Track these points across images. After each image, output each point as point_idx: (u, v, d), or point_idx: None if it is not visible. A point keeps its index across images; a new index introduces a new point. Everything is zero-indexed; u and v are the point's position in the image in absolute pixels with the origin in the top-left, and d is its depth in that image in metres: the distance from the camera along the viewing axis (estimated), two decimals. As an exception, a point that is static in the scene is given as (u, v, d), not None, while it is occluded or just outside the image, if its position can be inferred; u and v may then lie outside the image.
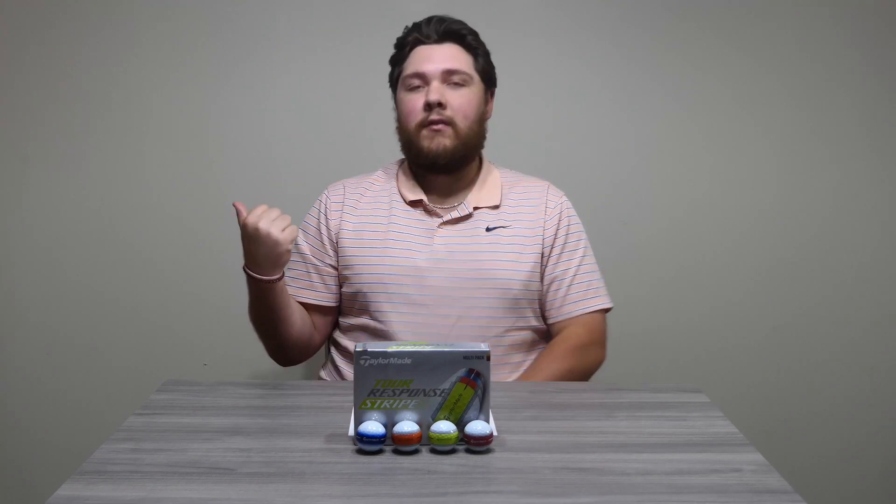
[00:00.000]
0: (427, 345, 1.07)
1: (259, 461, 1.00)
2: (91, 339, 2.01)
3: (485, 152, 1.60)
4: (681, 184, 2.01)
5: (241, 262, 1.97)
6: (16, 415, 2.02)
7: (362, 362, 1.03)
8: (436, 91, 1.47)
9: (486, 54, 1.56)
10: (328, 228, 1.56)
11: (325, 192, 1.61)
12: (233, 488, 0.92)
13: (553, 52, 1.97)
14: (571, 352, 1.50)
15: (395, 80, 1.57)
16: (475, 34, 1.55)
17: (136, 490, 0.92)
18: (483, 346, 1.06)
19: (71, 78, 1.94)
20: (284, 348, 1.54)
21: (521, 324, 1.52)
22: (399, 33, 1.56)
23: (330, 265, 1.55)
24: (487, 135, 1.57)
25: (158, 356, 2.01)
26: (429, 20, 1.53)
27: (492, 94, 1.59)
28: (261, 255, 1.37)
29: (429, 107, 1.48)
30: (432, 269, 1.48)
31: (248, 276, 1.41)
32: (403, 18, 1.57)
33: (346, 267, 1.53)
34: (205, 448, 1.04)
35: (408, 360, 1.03)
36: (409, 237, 1.51)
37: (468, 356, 1.04)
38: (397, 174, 1.60)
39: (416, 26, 1.54)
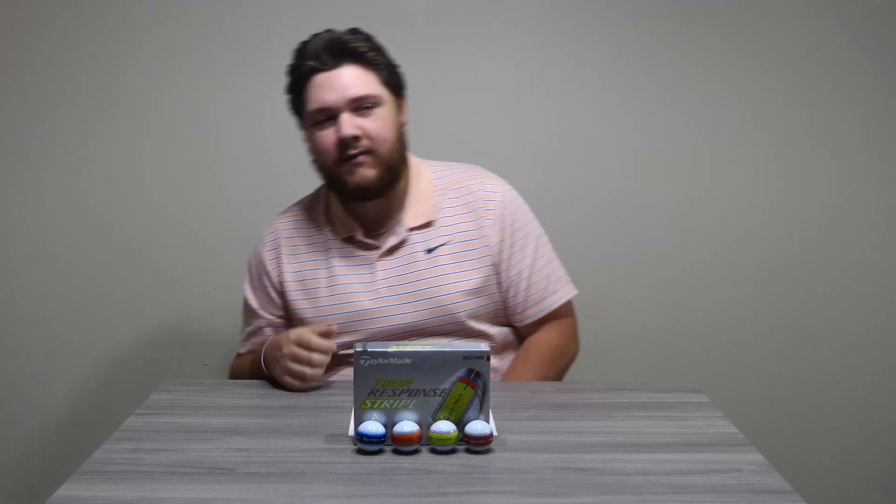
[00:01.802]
0: (427, 345, 1.07)
1: (259, 461, 1.00)
2: (91, 339, 2.01)
3: (487, 153, 1.58)
4: (681, 184, 2.00)
5: (241, 261, 1.98)
6: (16, 415, 2.02)
7: (362, 362, 1.03)
8: (347, 124, 1.34)
9: (389, 64, 1.42)
10: (270, 280, 1.48)
11: (260, 241, 1.51)
12: (233, 488, 0.93)
13: (553, 52, 1.97)
14: (547, 359, 1.45)
15: (298, 111, 1.44)
16: (371, 43, 1.40)
17: (136, 490, 0.92)
18: (483, 347, 1.06)
19: (71, 77, 1.94)
20: None
21: (487, 334, 1.45)
22: (399, 33, 1.53)
23: (280, 317, 1.49)
24: (489, 136, 1.55)
25: (158, 356, 2.01)
26: (318, 42, 1.38)
27: (403, 98, 1.45)
28: (276, 364, 1.31)
29: (343, 142, 1.35)
30: (381, 309, 1.41)
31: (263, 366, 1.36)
32: (404, 18, 1.56)
33: (297, 320, 1.44)
34: (205, 448, 1.04)
35: (408, 360, 1.03)
36: (352, 277, 1.43)
37: (468, 356, 1.04)
38: (326, 204, 1.49)
39: (307, 53, 1.39)
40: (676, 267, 2.02)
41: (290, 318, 1.47)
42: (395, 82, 1.42)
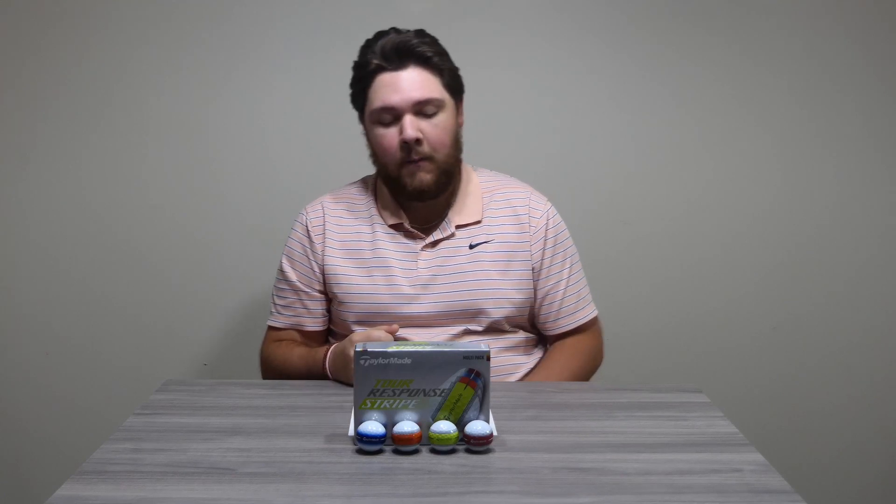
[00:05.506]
0: (427, 345, 1.07)
1: (259, 461, 1.00)
2: (91, 339, 2.01)
3: (486, 154, 1.58)
4: (681, 184, 2.00)
5: (240, 261, 1.99)
6: (16, 415, 2.02)
7: (362, 362, 1.03)
8: (411, 126, 1.39)
9: (452, 68, 1.46)
10: (314, 252, 1.49)
11: (304, 213, 1.54)
12: (233, 488, 0.93)
13: (553, 52, 1.97)
14: (582, 352, 1.51)
15: (360, 108, 1.47)
16: (437, 47, 1.44)
17: (136, 490, 0.92)
18: (483, 346, 1.06)
19: (71, 78, 1.94)
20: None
21: (513, 335, 1.50)
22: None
23: (318, 291, 1.50)
24: (488, 136, 1.55)
25: (158, 356, 2.01)
26: (385, 41, 1.41)
27: (461, 100, 1.50)
28: (347, 369, 1.30)
29: (406, 144, 1.40)
30: (418, 295, 1.44)
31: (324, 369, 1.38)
32: (403, 19, 1.56)
33: (336, 294, 1.47)
34: (205, 448, 1.04)
35: (408, 360, 1.03)
36: (394, 262, 1.46)
37: (468, 356, 1.04)
38: (375, 192, 1.53)
39: (374, 50, 1.42)
40: (676, 267, 2.02)
41: (328, 294, 1.50)
42: (455, 86, 1.47)
